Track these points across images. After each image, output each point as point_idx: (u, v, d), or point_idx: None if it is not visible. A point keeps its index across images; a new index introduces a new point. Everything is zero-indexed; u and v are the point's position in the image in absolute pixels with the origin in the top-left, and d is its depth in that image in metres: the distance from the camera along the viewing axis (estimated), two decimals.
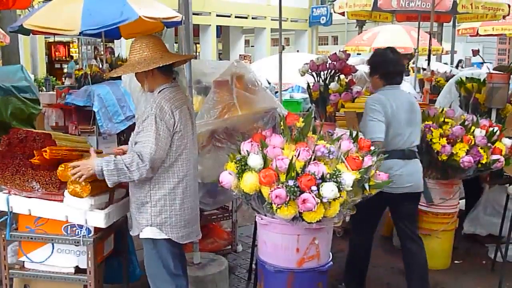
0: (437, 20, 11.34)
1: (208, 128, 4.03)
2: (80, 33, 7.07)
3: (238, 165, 3.08)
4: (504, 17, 9.64)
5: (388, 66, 3.95)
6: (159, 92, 3.16)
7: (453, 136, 4.45)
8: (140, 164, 2.97)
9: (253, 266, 4.38)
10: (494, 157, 4.43)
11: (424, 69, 8.99)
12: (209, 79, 4.46)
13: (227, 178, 3.10)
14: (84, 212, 3.26)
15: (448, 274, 4.79)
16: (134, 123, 3.49)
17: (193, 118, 3.42)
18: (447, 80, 10.30)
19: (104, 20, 7.06)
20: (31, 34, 8.43)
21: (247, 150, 3.14)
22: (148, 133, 3.01)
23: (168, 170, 3.15)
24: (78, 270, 3.46)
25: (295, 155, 3.01)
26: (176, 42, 15.40)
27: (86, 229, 3.33)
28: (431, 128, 4.48)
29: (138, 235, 3.27)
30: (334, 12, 10.13)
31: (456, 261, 5.02)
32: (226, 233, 5.13)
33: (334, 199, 2.94)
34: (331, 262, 3.44)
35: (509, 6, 9.20)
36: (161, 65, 3.11)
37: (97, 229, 3.36)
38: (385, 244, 5.43)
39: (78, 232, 3.34)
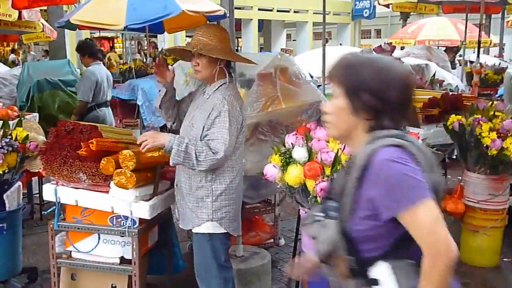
0: (486, 12, 10.98)
1: (252, 121, 4.01)
2: (124, 27, 7.16)
3: (282, 157, 3.06)
4: None
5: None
6: (220, 86, 3.11)
7: (503, 130, 4.31)
8: (211, 156, 2.92)
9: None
10: None
11: (471, 62, 8.75)
12: (253, 72, 4.43)
13: (271, 170, 3.08)
14: (129, 203, 3.29)
15: (495, 272, 4.66)
16: None
17: None
18: (495, 73, 10.05)
19: (148, 15, 7.12)
20: (77, 29, 8.58)
21: (291, 143, 3.11)
22: (222, 130, 2.96)
23: (229, 165, 3.12)
24: (123, 260, 3.50)
25: (340, 148, 2.97)
26: None
27: (131, 220, 3.36)
28: (480, 122, 4.35)
29: (190, 229, 3.24)
30: (379, 4, 9.93)
31: (505, 259, 4.87)
32: (268, 227, 5.11)
33: None
34: None
35: None
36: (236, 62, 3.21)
37: (141, 221, 3.39)
38: None
39: (123, 223, 3.38)
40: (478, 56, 7.47)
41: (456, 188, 4.82)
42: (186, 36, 24.28)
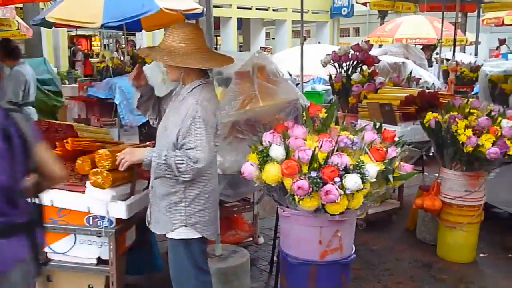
0: (462, 10, 11.11)
1: (229, 120, 3.99)
2: (101, 25, 7.09)
3: (260, 156, 3.06)
4: None
5: None
6: (194, 88, 3.01)
7: (479, 127, 4.36)
8: (192, 166, 2.83)
9: (275, 258, 4.36)
10: None
11: (448, 60, 8.85)
12: (230, 70, 4.41)
13: (249, 169, 3.08)
14: (105, 203, 3.26)
15: (472, 267, 4.72)
16: None
17: None
18: (471, 71, 10.19)
19: (125, 13, 7.08)
20: (53, 27, 8.49)
21: (269, 141, 3.11)
22: (199, 138, 2.86)
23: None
24: (100, 261, 3.47)
25: (317, 146, 2.97)
26: None
27: (108, 220, 3.34)
28: (456, 119, 4.40)
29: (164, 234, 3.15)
30: (357, 2, 10.00)
31: (481, 254, 4.93)
32: (247, 225, 5.11)
33: (357, 191, 2.91)
34: (354, 255, 3.39)
35: None
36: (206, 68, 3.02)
37: (118, 220, 3.36)
38: (409, 237, 5.37)
39: (100, 223, 3.35)
40: (453, 54, 7.55)
41: (433, 185, 4.87)
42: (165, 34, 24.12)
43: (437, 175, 4.92)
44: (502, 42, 13.28)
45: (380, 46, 14.58)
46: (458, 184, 4.64)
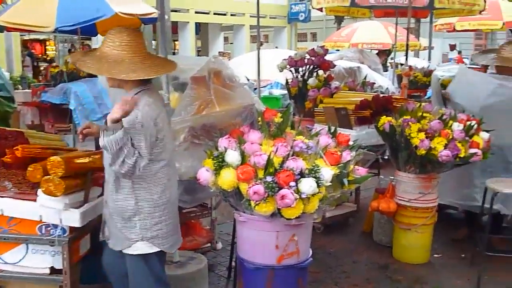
0: (414, 16, 11.38)
1: (186, 125, 3.97)
2: (55, 29, 6.95)
3: (215, 161, 3.05)
4: (480, 12, 9.70)
5: None
6: (135, 95, 2.89)
7: (431, 130, 4.45)
8: (132, 166, 2.75)
9: (233, 263, 4.35)
10: (472, 150, 4.45)
11: (402, 65, 9.04)
12: (186, 75, 4.39)
13: (204, 175, 3.06)
14: (58, 211, 3.18)
15: (427, 268, 4.80)
16: None
17: (169, 120, 3.29)
18: (424, 76, 10.42)
19: (80, 17, 6.95)
20: (4, 31, 8.28)
21: (224, 147, 3.10)
22: (137, 144, 2.78)
23: (154, 180, 2.94)
24: (53, 270, 3.39)
25: (273, 151, 2.98)
26: (154, 40, 15.28)
27: (61, 229, 3.26)
28: (409, 123, 4.48)
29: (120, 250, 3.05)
30: (312, 8, 10.10)
31: (435, 255, 5.03)
32: (205, 231, 5.08)
33: (313, 195, 2.93)
34: (311, 259, 3.42)
35: (484, 1, 9.25)
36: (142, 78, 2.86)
37: (72, 229, 3.28)
38: (365, 239, 5.44)
39: (52, 232, 3.26)
40: (406, 59, 7.72)
41: (388, 188, 4.95)
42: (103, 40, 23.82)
43: (392, 178, 5.01)
44: (452, 47, 13.68)
45: (337, 50, 14.81)
46: (412, 186, 4.73)
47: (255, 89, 7.46)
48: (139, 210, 2.93)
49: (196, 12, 25.02)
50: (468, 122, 4.58)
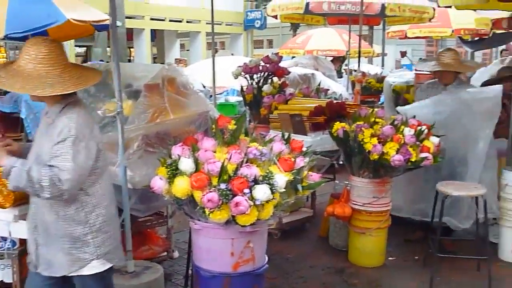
0: (367, 23, 11.60)
1: (139, 133, 3.94)
2: (4, 36, 6.77)
3: (169, 169, 3.03)
4: (429, 20, 9.99)
5: None
6: (64, 108, 2.74)
7: (383, 135, 4.53)
8: (56, 185, 2.58)
9: (190, 272, 4.31)
10: (423, 155, 4.55)
11: (355, 71, 9.20)
12: (140, 83, 4.35)
13: (158, 183, 3.04)
14: (7, 223, 3.11)
15: (382, 271, 4.88)
16: None
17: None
18: (378, 82, 10.61)
19: (30, 23, 6.77)
20: None
21: (178, 154, 3.09)
22: (67, 158, 2.61)
23: (98, 194, 2.83)
24: (3, 284, 3.30)
25: (227, 158, 2.99)
26: (109, 46, 15.06)
27: (10, 241, 3.18)
28: (362, 128, 4.56)
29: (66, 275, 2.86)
30: (267, 15, 10.19)
31: (390, 258, 5.12)
32: (161, 240, 5.03)
33: (267, 201, 2.94)
34: (267, 265, 3.43)
35: (434, 9, 9.54)
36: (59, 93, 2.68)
37: (22, 241, 3.20)
38: (322, 244, 5.48)
39: (1, 245, 3.19)
40: (359, 65, 7.86)
41: (343, 193, 5.01)
42: (76, 46, 23.45)
43: (347, 182, 5.07)
44: (403, 54, 14.00)
45: (293, 57, 14.95)
46: (366, 191, 4.80)
47: (211, 96, 7.45)
48: (91, 227, 2.81)
49: (152, 19, 24.81)
50: (419, 127, 4.68)
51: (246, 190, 2.88)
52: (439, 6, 8.40)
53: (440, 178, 4.84)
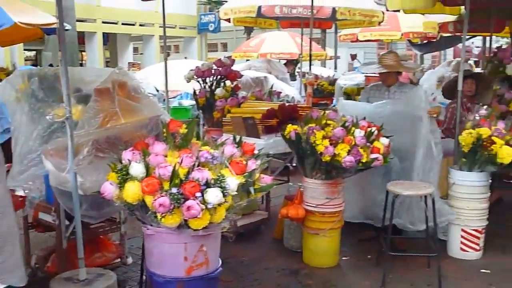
0: (319, 27, 11.79)
1: (89, 138, 3.86)
2: None
3: (119, 174, 3.00)
4: (379, 23, 10.21)
5: None
6: None
7: (335, 137, 4.59)
8: None
9: (144, 278, 4.26)
10: (373, 155, 4.63)
11: (308, 74, 9.30)
12: (90, 87, 4.27)
13: (108, 188, 3.01)
14: None
15: (336, 271, 4.94)
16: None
17: None
18: (330, 84, 10.78)
19: None
20: None
21: (128, 159, 3.06)
22: None
23: None
24: None
25: (178, 162, 2.97)
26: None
27: None
28: (314, 131, 4.60)
29: None
30: (220, 18, 10.21)
31: (344, 258, 5.18)
32: (114, 246, 4.95)
33: (219, 205, 2.95)
34: (221, 268, 3.43)
35: (383, 13, 9.75)
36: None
37: None
38: (277, 246, 5.51)
39: None
40: (310, 68, 7.96)
41: (297, 194, 5.05)
42: (25, 50, 22.89)
43: (301, 184, 5.12)
44: (353, 57, 14.30)
45: (247, 60, 15.02)
46: (319, 192, 4.86)
47: (165, 100, 7.40)
48: None
49: (104, 22, 24.45)
50: (369, 129, 4.77)
51: (198, 194, 2.88)
52: (388, 10, 8.61)
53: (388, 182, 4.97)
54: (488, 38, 9.78)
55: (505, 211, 6.11)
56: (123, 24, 25.39)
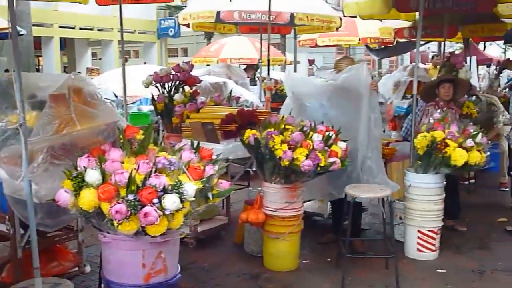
0: (278, 32, 11.86)
1: (44, 145, 3.79)
2: None
3: (74, 182, 2.96)
4: (337, 29, 10.34)
5: None
6: None
7: (293, 142, 4.62)
8: None
9: (102, 286, 4.21)
10: (331, 159, 4.69)
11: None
12: (45, 93, 4.20)
13: (63, 196, 2.96)
14: None
15: (296, 274, 4.97)
16: None
17: None
18: None
19: None
20: None
21: (84, 166, 3.02)
22: None
23: None
24: None
25: (135, 168, 2.95)
26: None
27: None
28: (273, 135, 4.63)
29: None
30: (179, 24, 10.16)
31: (304, 261, 5.23)
32: (72, 254, 4.87)
33: (177, 211, 2.94)
34: (180, 275, 3.41)
35: (340, 19, 9.89)
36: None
37: None
38: (237, 251, 5.52)
39: None
40: (268, 73, 8.01)
41: (257, 199, 5.07)
42: None
43: (260, 189, 5.14)
44: (311, 62, 14.45)
45: (208, 65, 15.00)
46: (278, 196, 4.89)
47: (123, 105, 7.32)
48: None
49: (61, 27, 24.02)
50: (327, 133, 4.82)
51: (155, 200, 2.86)
52: (344, 16, 8.75)
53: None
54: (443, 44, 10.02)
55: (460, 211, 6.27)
56: (81, 28, 25.00)
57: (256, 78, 12.75)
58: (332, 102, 5.11)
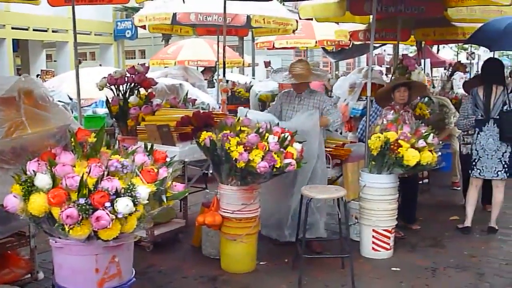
0: (236, 34, 11.86)
1: None
2: None
3: (23, 186, 2.89)
4: (293, 31, 10.43)
5: None
6: None
7: (249, 143, 4.63)
8: None
9: None
10: (287, 161, 4.72)
11: (228, 81, 9.36)
12: None
13: (12, 201, 2.89)
14: None
15: (253, 276, 4.98)
16: None
17: None
18: (247, 91, 10.90)
19: None
20: None
21: (33, 170, 2.95)
22: None
23: None
24: None
25: (86, 172, 2.91)
26: None
27: None
28: (229, 137, 4.63)
29: None
30: (135, 26, 10.07)
31: (261, 263, 5.23)
32: (24, 261, 4.75)
33: (130, 214, 2.91)
34: (134, 279, 3.38)
35: (297, 21, 9.98)
36: None
37: None
38: (195, 254, 5.49)
39: None
40: (224, 75, 8.02)
41: (213, 201, 5.05)
42: None
43: (217, 191, 5.13)
44: (267, 64, 14.54)
45: (166, 67, 14.90)
46: (235, 198, 4.88)
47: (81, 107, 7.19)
48: None
49: (14, 28, 23.44)
50: (282, 134, 4.85)
51: (108, 204, 2.83)
52: (300, 19, 8.82)
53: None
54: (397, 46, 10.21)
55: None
56: (34, 30, 24.45)
57: (214, 80, 12.76)
58: None
